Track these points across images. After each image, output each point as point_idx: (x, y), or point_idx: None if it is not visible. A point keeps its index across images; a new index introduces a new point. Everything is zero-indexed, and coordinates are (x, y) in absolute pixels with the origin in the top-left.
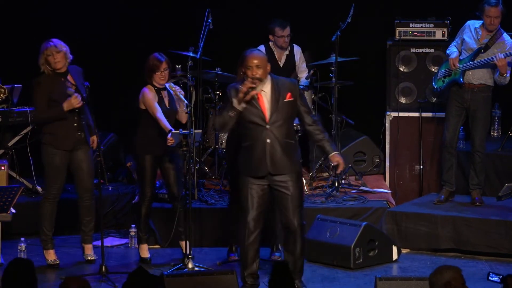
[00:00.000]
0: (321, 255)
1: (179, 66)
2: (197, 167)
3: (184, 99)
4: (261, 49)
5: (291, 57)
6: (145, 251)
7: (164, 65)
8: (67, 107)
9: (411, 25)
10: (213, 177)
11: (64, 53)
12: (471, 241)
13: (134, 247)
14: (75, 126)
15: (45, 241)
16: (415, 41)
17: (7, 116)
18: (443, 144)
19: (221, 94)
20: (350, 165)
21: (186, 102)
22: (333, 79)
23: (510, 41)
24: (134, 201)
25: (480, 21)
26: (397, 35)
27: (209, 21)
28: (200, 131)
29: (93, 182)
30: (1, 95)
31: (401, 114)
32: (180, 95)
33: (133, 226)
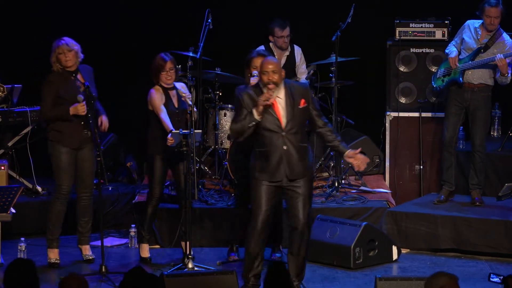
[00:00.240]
0: (321, 255)
1: (179, 66)
2: (197, 167)
3: (189, 104)
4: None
5: (291, 58)
6: (146, 251)
7: (169, 65)
8: (72, 111)
9: (411, 25)
10: (213, 177)
11: (75, 51)
12: (471, 241)
13: (134, 247)
14: (82, 124)
15: (51, 240)
16: (415, 41)
17: (7, 116)
18: (442, 143)
19: (221, 94)
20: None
21: (195, 109)
22: (333, 79)
23: (510, 41)
24: (134, 201)
25: (479, 21)
26: (397, 35)
27: (209, 21)
28: (200, 131)
29: (93, 182)
30: (1, 93)
31: (401, 114)
32: (189, 101)
33: (133, 226)
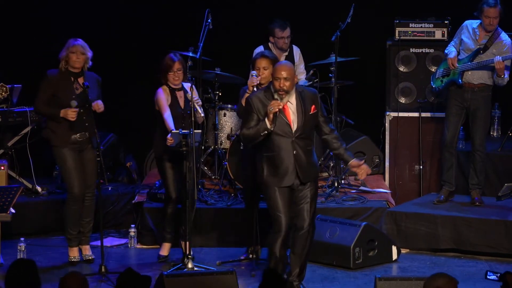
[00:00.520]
0: (321, 255)
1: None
2: (197, 167)
3: (200, 109)
4: (259, 50)
5: (290, 58)
6: (166, 250)
7: (177, 65)
8: (62, 114)
9: (411, 25)
10: (213, 177)
11: (87, 57)
12: (471, 241)
13: (133, 247)
14: (74, 125)
15: (70, 239)
16: (415, 41)
17: (7, 116)
18: (443, 143)
19: (220, 94)
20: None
21: (202, 114)
22: (333, 79)
23: (508, 40)
24: (134, 201)
25: (477, 21)
26: (397, 35)
27: (209, 21)
28: (199, 131)
29: (95, 183)
30: (3, 93)
31: (401, 114)
32: (196, 105)
33: (133, 226)
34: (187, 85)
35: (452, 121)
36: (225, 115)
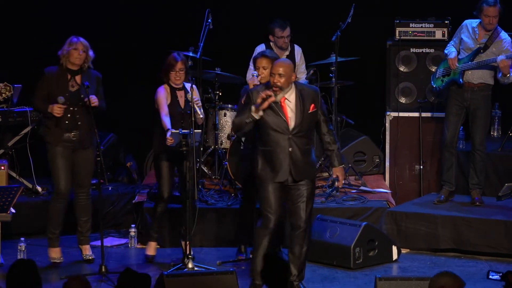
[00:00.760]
0: (321, 255)
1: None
2: (197, 167)
3: (199, 110)
4: (260, 48)
5: (291, 58)
6: (152, 249)
7: (179, 65)
8: (49, 110)
9: (411, 25)
10: (213, 177)
11: (88, 55)
12: (471, 241)
13: (134, 247)
14: (66, 123)
15: (52, 239)
16: (415, 41)
17: (7, 116)
18: (443, 143)
19: (221, 94)
20: (350, 165)
21: (201, 115)
22: (333, 79)
23: (508, 39)
24: (134, 201)
25: (477, 20)
26: (397, 35)
27: (209, 21)
28: (199, 131)
29: (90, 182)
30: (7, 92)
31: (401, 114)
32: (196, 106)
33: (133, 226)
34: (189, 85)
35: (452, 121)
36: (225, 115)
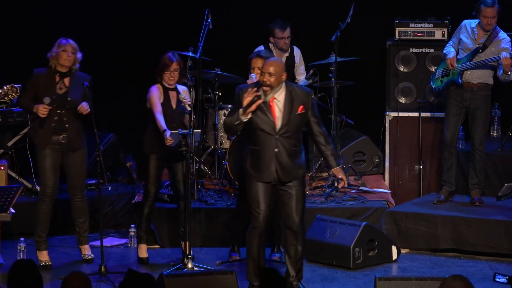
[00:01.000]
0: (321, 255)
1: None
2: (197, 167)
3: (187, 110)
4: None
5: (290, 59)
6: (144, 251)
7: (174, 66)
8: (34, 110)
9: (411, 25)
10: (213, 177)
11: (76, 57)
12: (470, 241)
13: (133, 247)
14: (53, 126)
15: (39, 242)
16: (415, 41)
17: (7, 116)
18: (443, 143)
19: (220, 94)
20: (350, 165)
21: (187, 112)
22: (333, 79)
23: (507, 38)
24: (134, 201)
25: (476, 20)
26: (397, 35)
27: (209, 21)
28: (199, 131)
29: (84, 183)
30: (13, 94)
31: (401, 114)
32: (188, 107)
33: (133, 226)
34: (182, 88)
35: (451, 120)
36: (225, 115)
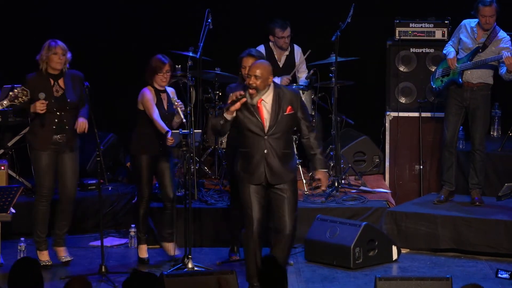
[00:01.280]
0: (321, 255)
1: (179, 66)
2: (197, 167)
3: (182, 115)
4: (260, 49)
5: (291, 58)
6: (144, 251)
7: (166, 67)
8: (32, 108)
9: (411, 25)
10: (213, 177)
11: (67, 58)
12: (471, 241)
13: (133, 247)
14: (54, 128)
15: (39, 242)
16: (415, 41)
17: (7, 116)
18: (443, 143)
19: (220, 94)
20: (350, 165)
21: (183, 118)
22: (333, 79)
23: (507, 37)
24: (133, 201)
25: (475, 20)
26: (397, 35)
27: (209, 21)
28: (199, 131)
29: (76, 187)
30: (23, 97)
31: (401, 114)
32: (180, 110)
33: (133, 226)
34: (170, 90)
35: (451, 120)
36: None
